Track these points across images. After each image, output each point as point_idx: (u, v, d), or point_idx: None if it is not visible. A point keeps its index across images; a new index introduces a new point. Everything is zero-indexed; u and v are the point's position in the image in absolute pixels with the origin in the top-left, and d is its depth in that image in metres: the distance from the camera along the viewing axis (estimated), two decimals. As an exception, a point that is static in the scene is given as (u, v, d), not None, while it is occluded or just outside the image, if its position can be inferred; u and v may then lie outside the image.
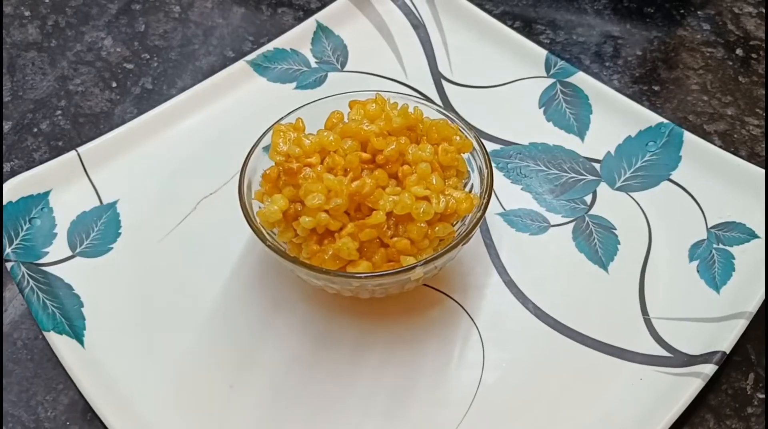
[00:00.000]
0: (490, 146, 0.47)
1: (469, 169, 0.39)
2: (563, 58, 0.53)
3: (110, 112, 0.51)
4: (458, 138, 0.38)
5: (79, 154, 0.44)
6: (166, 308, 0.40)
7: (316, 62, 0.52)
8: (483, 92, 0.50)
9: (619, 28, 0.55)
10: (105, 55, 0.55)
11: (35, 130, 0.50)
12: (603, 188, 0.44)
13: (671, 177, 0.44)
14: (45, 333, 0.37)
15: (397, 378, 0.37)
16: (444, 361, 0.38)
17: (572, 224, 0.43)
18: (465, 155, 0.39)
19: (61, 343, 0.36)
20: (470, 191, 0.39)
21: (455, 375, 0.37)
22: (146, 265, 0.41)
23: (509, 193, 0.45)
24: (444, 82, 0.50)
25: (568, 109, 0.48)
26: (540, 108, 0.49)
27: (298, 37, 0.52)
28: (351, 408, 0.36)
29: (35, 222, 0.42)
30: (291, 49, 0.52)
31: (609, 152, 0.46)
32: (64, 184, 0.43)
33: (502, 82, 0.50)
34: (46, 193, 0.43)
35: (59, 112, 0.51)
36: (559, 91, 0.49)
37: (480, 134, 0.47)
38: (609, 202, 0.44)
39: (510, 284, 0.41)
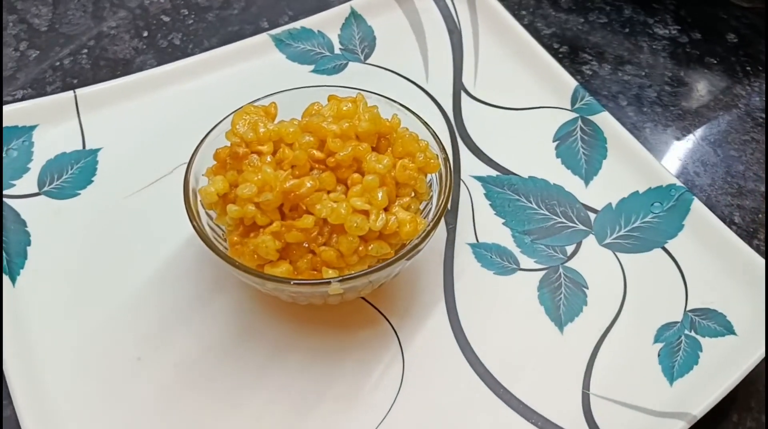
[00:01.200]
0: (487, 171, 0.44)
1: (432, 192, 0.37)
2: (598, 93, 0.49)
3: (131, 60, 0.51)
4: (422, 157, 0.35)
5: (75, 96, 0.44)
6: (106, 265, 0.39)
7: (340, 49, 0.50)
8: (499, 113, 0.47)
9: (672, 74, 0.50)
10: (147, 3, 0.55)
11: (57, 63, 0.51)
12: (590, 241, 0.41)
13: (666, 245, 0.40)
14: None
15: (305, 391, 0.35)
16: (356, 386, 0.36)
17: (543, 273, 0.40)
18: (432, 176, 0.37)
19: (-9, 277, 0.37)
20: (427, 216, 0.36)
21: (363, 403, 0.35)
22: (105, 218, 0.41)
23: (488, 225, 0.42)
24: (463, 95, 0.48)
25: (582, 148, 0.44)
26: (553, 142, 0.45)
27: (328, 20, 0.51)
28: (251, 407, 0.35)
29: (11, 153, 0.42)
30: (318, 30, 0.50)
31: (610, 204, 0.42)
32: (52, 122, 0.43)
33: (523, 106, 0.47)
34: (32, 128, 0.43)
35: (85, 50, 0.52)
36: (578, 128, 0.45)
37: (480, 156, 0.45)
38: (591, 258, 0.40)
39: (454, 320, 0.38)
